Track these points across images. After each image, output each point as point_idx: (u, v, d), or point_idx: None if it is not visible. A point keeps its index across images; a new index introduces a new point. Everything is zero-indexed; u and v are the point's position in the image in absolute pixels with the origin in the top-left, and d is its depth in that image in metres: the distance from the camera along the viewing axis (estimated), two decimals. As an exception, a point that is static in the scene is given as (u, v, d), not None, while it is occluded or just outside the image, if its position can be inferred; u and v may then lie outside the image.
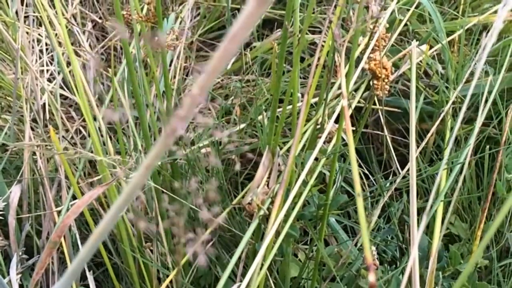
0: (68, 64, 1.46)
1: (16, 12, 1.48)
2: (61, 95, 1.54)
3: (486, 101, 1.15)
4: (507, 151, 1.25)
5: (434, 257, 0.98)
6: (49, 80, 1.54)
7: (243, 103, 1.44)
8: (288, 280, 1.11)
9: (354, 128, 1.29)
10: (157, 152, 0.37)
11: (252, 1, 0.34)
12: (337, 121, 1.04)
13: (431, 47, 1.38)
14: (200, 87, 0.36)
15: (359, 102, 1.30)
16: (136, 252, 1.15)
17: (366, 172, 1.40)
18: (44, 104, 1.39)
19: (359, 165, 1.41)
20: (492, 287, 1.12)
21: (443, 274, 1.09)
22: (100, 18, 1.73)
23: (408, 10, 1.37)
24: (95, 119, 1.18)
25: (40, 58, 1.51)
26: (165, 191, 1.10)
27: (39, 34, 1.56)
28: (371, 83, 1.09)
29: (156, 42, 1.21)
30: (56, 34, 1.47)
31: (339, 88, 1.16)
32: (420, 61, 1.39)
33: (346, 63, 1.00)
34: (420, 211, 1.34)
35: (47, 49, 1.54)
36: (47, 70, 1.52)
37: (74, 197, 1.19)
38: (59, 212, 1.21)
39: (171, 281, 1.15)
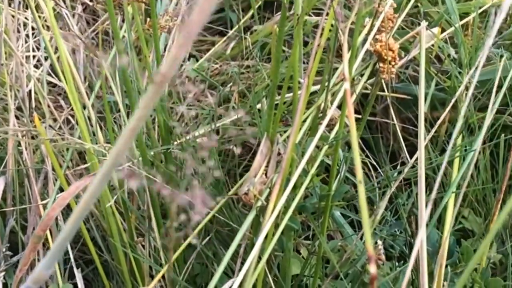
0: (57, 49, 1.45)
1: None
2: (49, 82, 1.54)
3: (502, 86, 1.15)
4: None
5: (443, 250, 0.98)
6: (36, 67, 1.54)
7: (243, 90, 1.44)
8: (289, 277, 1.11)
9: (360, 116, 1.29)
10: (141, 115, 0.37)
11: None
12: (341, 107, 1.04)
13: (443, 30, 1.37)
14: (184, 38, 0.36)
15: (366, 88, 1.30)
16: (127, 248, 1.15)
17: (374, 162, 1.39)
18: (30, 91, 1.39)
19: (366, 156, 1.40)
20: (507, 284, 1.12)
21: (455, 271, 1.08)
22: (91, 0, 1.73)
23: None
24: (84, 107, 1.18)
25: (26, 42, 1.51)
26: (157, 180, 1.10)
27: (25, 18, 1.56)
28: (377, 66, 1.09)
29: (148, 24, 1.21)
30: (43, 17, 1.47)
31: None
32: (432, 45, 1.39)
33: (350, 45, 1.00)
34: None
35: (33, 34, 1.54)
36: (34, 56, 1.52)
37: (61, 190, 1.18)
38: (45, 206, 1.21)
39: (164, 279, 1.15)
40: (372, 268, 0.57)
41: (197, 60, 1.62)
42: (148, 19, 1.18)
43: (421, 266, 0.82)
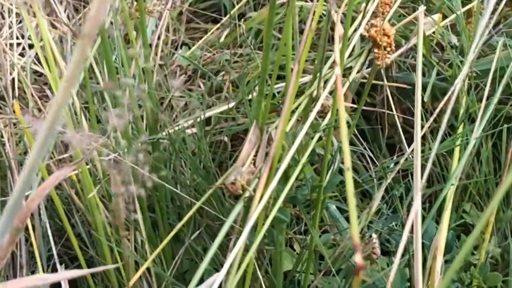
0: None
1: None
2: (35, 71, 1.53)
3: (503, 76, 1.15)
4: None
5: (437, 242, 0.97)
6: (22, 55, 1.54)
7: (235, 79, 1.43)
8: (281, 272, 1.10)
9: (356, 106, 1.28)
10: (75, 66, 0.37)
11: None
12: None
13: (444, 17, 1.37)
14: None
15: (365, 78, 1.29)
16: (112, 242, 1.15)
17: (371, 155, 1.39)
18: (14, 80, 1.39)
19: (364, 148, 1.40)
20: (507, 279, 1.11)
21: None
22: (79, -14, 1.73)
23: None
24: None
25: (10, 28, 1.50)
26: (146, 173, 1.09)
27: (10, 4, 1.56)
28: (372, 53, 1.08)
29: (135, 8, 1.20)
30: (29, 4, 1.47)
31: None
32: (433, 32, 1.38)
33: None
34: (431, 197, 1.33)
35: (18, 21, 1.54)
36: (19, 44, 1.52)
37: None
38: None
39: (150, 275, 1.15)
40: (358, 258, 0.57)
41: (189, 48, 1.61)
42: (135, 3, 1.17)
43: (416, 256, 0.81)
